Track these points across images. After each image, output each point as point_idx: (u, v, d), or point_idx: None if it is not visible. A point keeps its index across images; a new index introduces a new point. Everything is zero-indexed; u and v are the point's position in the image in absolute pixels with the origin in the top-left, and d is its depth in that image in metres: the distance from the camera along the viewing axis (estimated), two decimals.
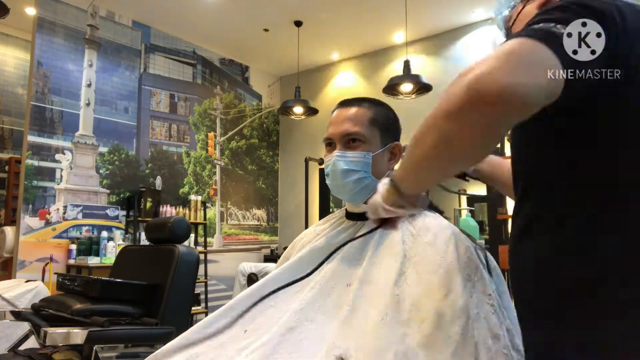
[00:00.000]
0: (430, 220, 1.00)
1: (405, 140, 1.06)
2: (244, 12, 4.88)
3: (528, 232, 0.74)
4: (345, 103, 1.09)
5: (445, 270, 0.89)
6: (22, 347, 2.03)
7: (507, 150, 3.16)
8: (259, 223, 6.26)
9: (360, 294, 0.92)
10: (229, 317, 0.96)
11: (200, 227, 5.24)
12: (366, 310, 0.89)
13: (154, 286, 2.04)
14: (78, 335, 1.68)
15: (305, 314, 0.92)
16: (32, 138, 4.17)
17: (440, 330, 0.81)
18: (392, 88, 4.16)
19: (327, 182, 1.07)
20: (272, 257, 5.97)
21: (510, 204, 3.39)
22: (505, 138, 1.18)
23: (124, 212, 4.70)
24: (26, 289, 2.86)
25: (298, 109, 4.96)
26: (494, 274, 0.98)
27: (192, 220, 4.99)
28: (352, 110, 1.06)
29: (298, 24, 5.07)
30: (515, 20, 0.91)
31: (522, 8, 0.90)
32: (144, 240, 4.40)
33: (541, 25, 0.64)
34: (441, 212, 1.07)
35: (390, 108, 1.13)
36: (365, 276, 0.94)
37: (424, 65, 5.27)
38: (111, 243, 4.28)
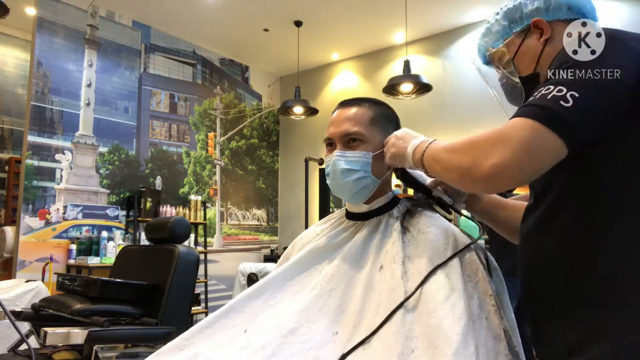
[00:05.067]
0: (430, 221, 1.00)
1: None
2: (244, 12, 4.88)
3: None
4: (345, 103, 1.09)
5: (446, 271, 0.89)
6: (22, 347, 2.03)
7: None
8: (259, 223, 6.26)
9: (365, 301, 0.91)
10: (228, 317, 0.95)
11: (200, 227, 5.24)
12: (370, 318, 0.89)
13: (154, 286, 2.04)
14: (78, 335, 1.68)
15: (307, 316, 0.91)
16: (32, 138, 4.17)
17: (441, 331, 0.81)
18: (392, 88, 4.16)
19: (328, 181, 1.07)
20: (272, 257, 5.97)
21: None
22: None
23: (124, 212, 4.70)
24: (26, 289, 2.86)
25: (298, 109, 4.96)
26: (494, 274, 0.97)
27: (192, 220, 4.99)
28: (352, 110, 1.06)
29: (298, 24, 5.07)
30: (515, 54, 0.94)
31: (522, 42, 0.93)
32: (144, 240, 4.40)
33: (550, 101, 0.72)
34: (448, 209, 1.07)
35: (391, 107, 1.13)
36: (369, 282, 0.94)
37: (423, 65, 5.27)
38: (111, 243, 4.28)
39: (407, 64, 4.20)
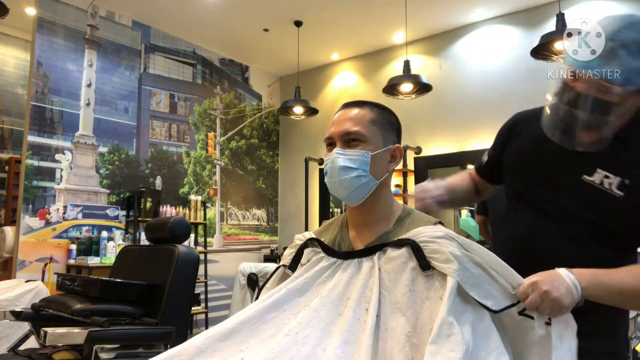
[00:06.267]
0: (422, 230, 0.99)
1: (403, 141, 1.06)
2: (244, 12, 4.89)
3: None
4: (348, 105, 1.10)
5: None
6: (22, 347, 2.03)
7: None
8: (259, 223, 6.26)
9: (344, 353, 0.86)
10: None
11: (200, 227, 5.24)
12: None
13: (154, 286, 2.04)
14: (78, 335, 1.69)
15: None
16: (32, 138, 4.17)
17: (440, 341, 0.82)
18: (392, 88, 4.16)
19: (326, 179, 1.06)
20: (272, 257, 5.97)
21: None
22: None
23: (124, 212, 4.70)
24: (26, 289, 2.86)
25: (298, 109, 4.96)
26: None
27: (192, 220, 4.99)
28: (354, 111, 1.07)
29: (298, 24, 5.07)
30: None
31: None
32: (144, 240, 4.40)
33: None
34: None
35: (393, 112, 1.13)
36: (349, 336, 0.88)
37: (423, 65, 5.27)
38: (111, 243, 4.28)
39: (407, 64, 4.20)
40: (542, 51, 3.39)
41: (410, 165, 5.22)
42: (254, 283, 3.96)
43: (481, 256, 0.92)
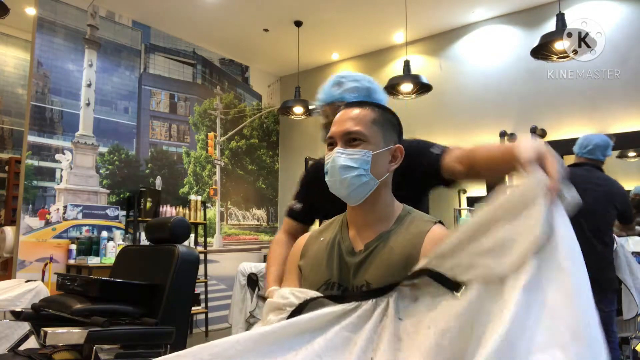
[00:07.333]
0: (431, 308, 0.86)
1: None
2: (244, 12, 4.89)
3: None
4: (349, 105, 1.10)
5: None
6: (22, 347, 2.03)
7: None
8: (259, 223, 6.26)
9: None
10: None
11: (200, 227, 5.24)
12: None
13: (154, 286, 2.04)
14: (78, 335, 1.68)
15: None
16: (32, 138, 4.17)
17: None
18: (392, 88, 4.16)
19: (326, 179, 1.06)
20: None
21: None
22: None
23: (124, 212, 4.70)
24: (26, 289, 2.86)
25: (298, 109, 4.96)
26: None
27: (192, 220, 4.99)
28: (356, 111, 1.07)
29: (298, 24, 5.08)
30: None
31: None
32: (144, 240, 4.40)
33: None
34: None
35: (394, 112, 1.13)
36: None
37: (423, 65, 5.27)
38: (111, 243, 4.28)
39: (407, 64, 4.20)
40: (542, 51, 3.39)
41: None
42: (254, 283, 3.96)
43: (478, 224, 0.80)
